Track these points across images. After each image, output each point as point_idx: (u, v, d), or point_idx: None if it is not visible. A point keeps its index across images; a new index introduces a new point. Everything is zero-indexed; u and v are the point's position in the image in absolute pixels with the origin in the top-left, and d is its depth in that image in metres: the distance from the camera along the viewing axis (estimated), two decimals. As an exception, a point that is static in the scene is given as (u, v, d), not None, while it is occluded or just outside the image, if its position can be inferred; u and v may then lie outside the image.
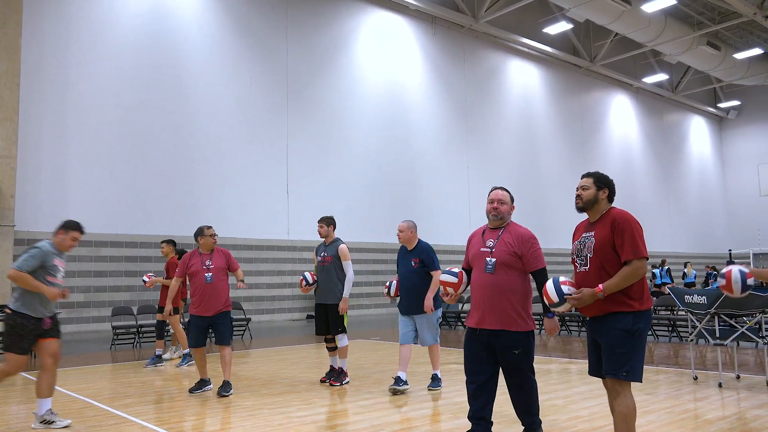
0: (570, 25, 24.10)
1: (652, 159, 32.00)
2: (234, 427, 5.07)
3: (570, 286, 3.64)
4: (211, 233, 6.67)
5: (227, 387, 6.37)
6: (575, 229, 3.90)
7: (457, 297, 4.29)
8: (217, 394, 6.30)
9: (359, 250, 18.46)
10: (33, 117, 13.73)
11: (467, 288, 4.33)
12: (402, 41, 21.26)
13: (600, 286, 3.51)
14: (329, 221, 6.99)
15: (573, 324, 12.39)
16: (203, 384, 6.53)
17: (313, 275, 7.02)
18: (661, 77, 30.76)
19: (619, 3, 21.77)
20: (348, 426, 5.08)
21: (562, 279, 3.67)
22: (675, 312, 11.56)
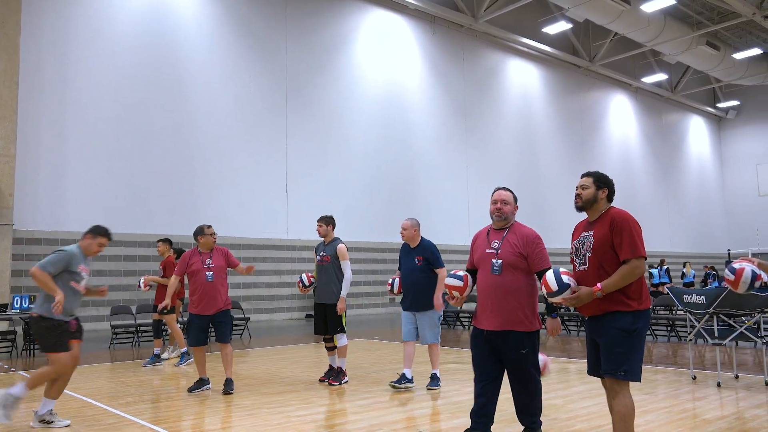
0: (569, 25, 24.09)
1: (651, 159, 32.01)
2: (233, 427, 5.06)
3: (570, 276, 3.66)
4: (211, 232, 6.70)
5: (231, 384, 6.46)
6: (574, 229, 3.91)
7: (464, 300, 4.30)
8: (223, 392, 6.39)
9: (358, 249, 18.46)
10: (32, 116, 13.72)
11: (473, 290, 4.35)
12: (401, 41, 21.25)
13: (598, 285, 3.52)
14: (328, 220, 6.99)
15: (572, 324, 12.39)
16: (202, 383, 6.53)
17: (310, 277, 7.04)
18: (661, 77, 30.76)
19: (619, 3, 21.77)
20: (347, 425, 5.08)
21: (562, 270, 3.70)
22: (674, 312, 11.58)
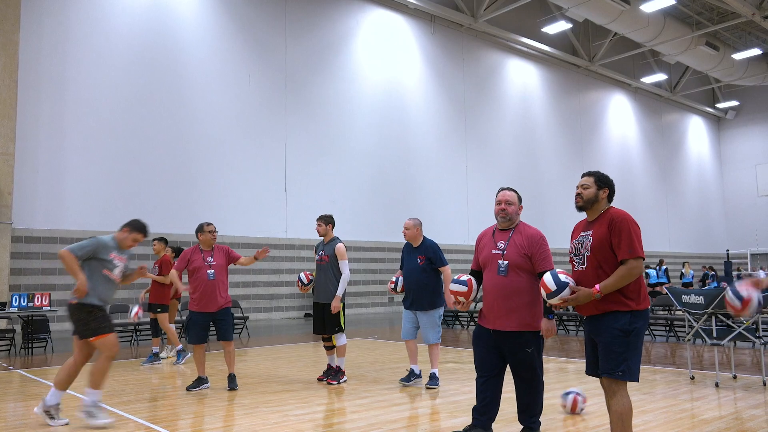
0: (569, 25, 24.10)
1: (650, 159, 32.03)
2: (231, 425, 5.06)
3: (567, 276, 3.68)
4: (211, 229, 6.71)
5: (234, 380, 6.55)
6: (573, 229, 3.91)
7: (470, 304, 4.30)
8: (228, 388, 6.48)
9: (357, 248, 18.47)
10: (31, 114, 13.70)
11: (478, 293, 4.34)
12: (401, 40, 21.24)
13: (597, 286, 3.52)
14: (328, 220, 6.98)
15: (570, 323, 12.40)
16: (201, 382, 6.53)
17: (308, 275, 7.05)
18: (660, 77, 30.78)
19: (618, 3, 21.78)
20: (345, 424, 5.09)
21: (559, 270, 3.73)
22: (672, 312, 11.59)
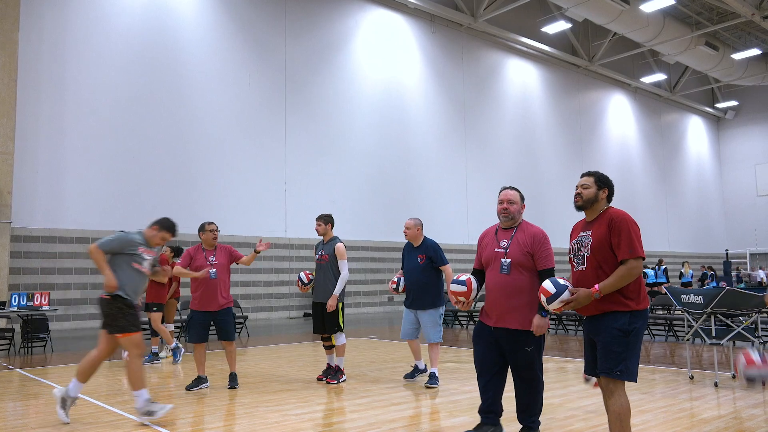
0: (568, 25, 24.11)
1: (649, 158, 32.04)
2: (231, 425, 5.07)
3: (566, 281, 3.70)
4: (212, 228, 6.72)
5: (236, 379, 6.60)
6: (572, 229, 3.91)
7: (471, 303, 4.31)
8: (229, 387, 6.52)
9: (356, 248, 18.47)
10: (30, 113, 13.70)
11: (479, 293, 4.34)
12: (401, 40, 21.24)
13: (596, 286, 3.52)
14: (327, 219, 6.97)
15: (570, 323, 12.41)
16: (200, 381, 6.53)
17: (308, 275, 7.05)
18: (659, 77, 30.79)
19: (618, 3, 21.79)
20: (345, 424, 5.09)
21: (558, 276, 3.77)
22: (672, 311, 11.59)
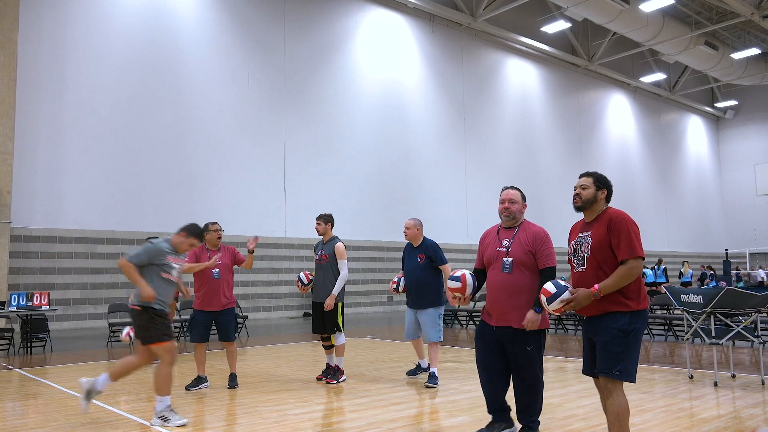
0: (568, 24, 24.11)
1: (649, 158, 32.05)
2: (230, 424, 5.07)
3: (567, 283, 3.71)
4: (216, 228, 6.75)
5: (235, 379, 6.61)
6: (571, 230, 3.91)
7: (468, 299, 4.30)
8: (229, 386, 6.53)
9: (356, 248, 18.46)
10: (30, 113, 13.69)
11: (475, 289, 4.33)
12: (400, 39, 21.24)
13: (596, 286, 3.52)
14: (327, 219, 6.96)
15: (569, 323, 12.40)
16: (200, 381, 6.53)
17: (308, 275, 7.04)
18: (659, 76, 30.79)
19: (617, 2, 21.78)
20: (344, 423, 5.09)
21: (559, 278, 3.79)
22: (671, 311, 11.60)
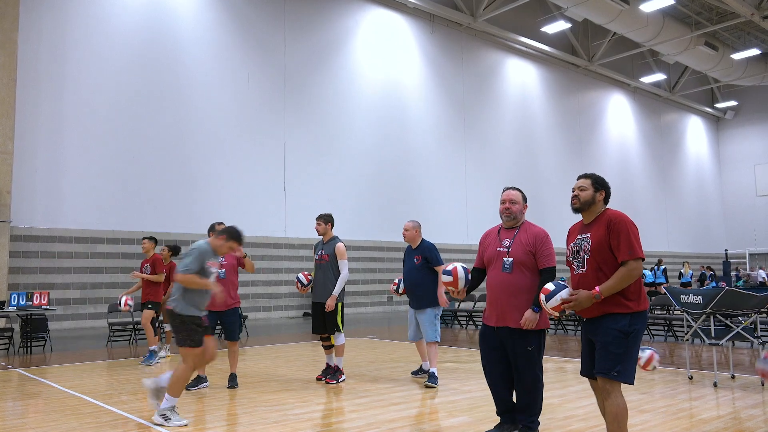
0: (568, 25, 24.12)
1: (649, 158, 32.05)
2: (230, 424, 5.07)
3: (566, 283, 3.71)
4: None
5: (235, 379, 6.63)
6: (568, 232, 3.91)
7: (463, 292, 4.34)
8: (228, 386, 6.54)
9: (356, 248, 18.46)
10: (30, 113, 13.69)
11: (468, 282, 4.36)
12: (400, 39, 21.24)
13: (597, 288, 3.51)
14: (327, 219, 6.96)
15: (569, 323, 12.41)
16: (199, 381, 6.53)
17: (307, 276, 7.03)
18: (659, 77, 30.80)
19: (617, 2, 21.79)
20: (344, 423, 5.09)
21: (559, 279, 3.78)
22: (671, 311, 11.60)
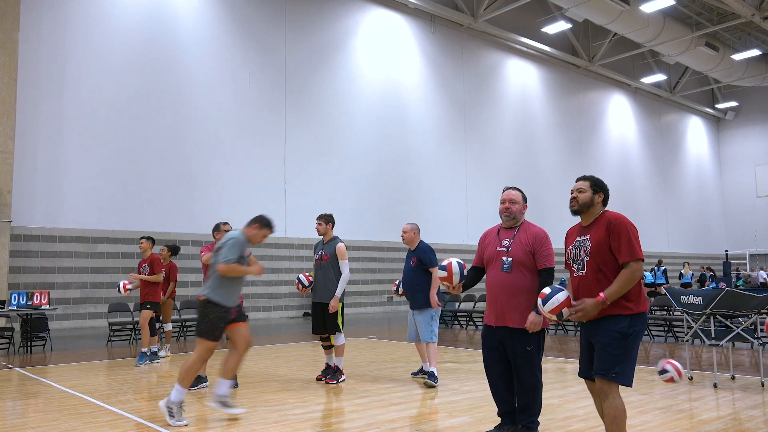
0: (569, 25, 24.11)
1: (649, 159, 32.05)
2: (230, 424, 5.07)
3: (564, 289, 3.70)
4: (227, 229, 6.76)
5: (235, 379, 6.56)
6: (567, 234, 3.91)
7: (459, 287, 4.35)
8: (230, 386, 6.47)
9: (356, 248, 18.46)
10: (30, 113, 13.69)
11: (464, 277, 4.37)
12: (401, 39, 21.24)
13: (601, 294, 3.49)
14: (328, 219, 6.96)
15: (569, 323, 12.41)
16: (199, 381, 6.53)
17: (308, 277, 7.03)
18: (659, 77, 30.79)
19: (618, 3, 21.79)
20: (344, 424, 5.09)
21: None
22: (671, 312, 11.60)
